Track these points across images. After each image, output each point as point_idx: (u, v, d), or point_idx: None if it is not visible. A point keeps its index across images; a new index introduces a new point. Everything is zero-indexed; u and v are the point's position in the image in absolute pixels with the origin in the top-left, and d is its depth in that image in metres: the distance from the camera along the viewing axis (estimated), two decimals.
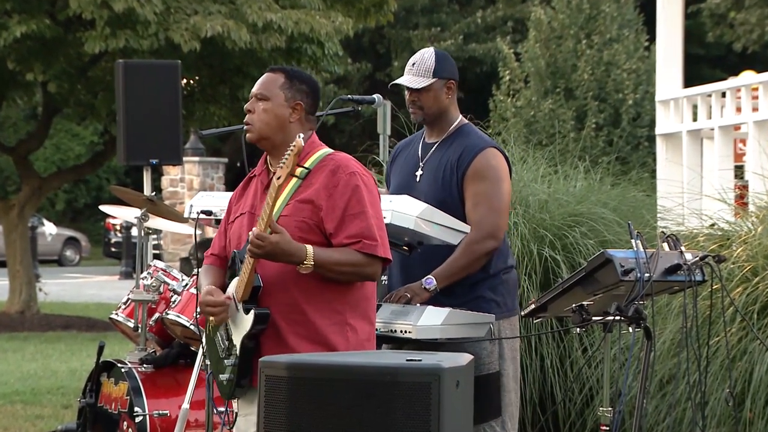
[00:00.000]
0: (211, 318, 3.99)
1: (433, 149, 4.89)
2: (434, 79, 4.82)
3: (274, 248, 3.85)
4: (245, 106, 4.09)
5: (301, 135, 3.87)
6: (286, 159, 3.84)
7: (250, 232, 3.88)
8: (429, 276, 4.69)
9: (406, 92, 4.88)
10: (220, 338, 4.08)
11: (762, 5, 21.65)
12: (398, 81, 4.88)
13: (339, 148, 3.90)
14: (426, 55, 4.86)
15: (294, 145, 3.83)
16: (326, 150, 4.09)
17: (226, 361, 4.02)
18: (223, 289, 4.08)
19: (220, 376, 4.04)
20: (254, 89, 4.10)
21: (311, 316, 3.97)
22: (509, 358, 4.83)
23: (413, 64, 4.85)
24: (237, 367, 3.99)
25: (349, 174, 4.00)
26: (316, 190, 3.95)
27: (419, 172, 4.89)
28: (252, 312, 3.94)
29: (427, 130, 4.95)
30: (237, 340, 3.99)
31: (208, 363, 4.27)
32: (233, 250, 4.06)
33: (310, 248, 3.90)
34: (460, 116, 4.93)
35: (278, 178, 3.84)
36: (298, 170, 4.00)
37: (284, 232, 3.88)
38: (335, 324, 4.00)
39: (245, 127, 4.08)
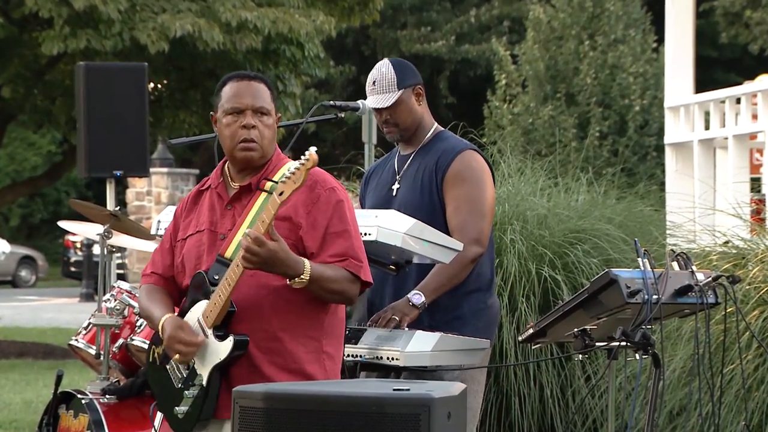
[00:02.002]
0: (176, 356, 3.97)
1: (409, 160, 4.96)
2: (401, 91, 4.88)
3: (272, 256, 3.84)
4: (245, 122, 4.01)
5: (314, 148, 3.86)
6: (293, 173, 3.80)
7: (244, 235, 3.85)
8: (415, 290, 4.71)
9: (376, 114, 4.92)
10: (175, 367, 4.06)
11: None
12: (372, 106, 4.91)
13: (320, 159, 3.90)
14: (383, 69, 4.91)
15: (308, 158, 3.80)
16: (293, 162, 4.10)
17: (186, 392, 4.00)
18: (182, 314, 4.06)
19: (176, 408, 4.01)
20: (251, 102, 4.02)
21: (288, 344, 3.98)
22: (478, 391, 4.86)
23: (374, 82, 4.91)
24: (202, 398, 3.98)
25: (329, 189, 4.02)
26: (293, 206, 3.95)
27: (396, 186, 4.95)
28: (230, 338, 3.93)
29: (403, 144, 5.01)
30: (204, 370, 3.97)
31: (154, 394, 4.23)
32: (200, 271, 4.03)
33: (307, 262, 3.91)
34: (435, 123, 5.01)
35: (280, 194, 3.81)
36: (268, 185, 4.00)
37: (282, 240, 3.87)
38: (312, 352, 4.01)
39: (247, 145, 4.02)
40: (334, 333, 4.07)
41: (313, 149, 3.83)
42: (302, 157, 3.83)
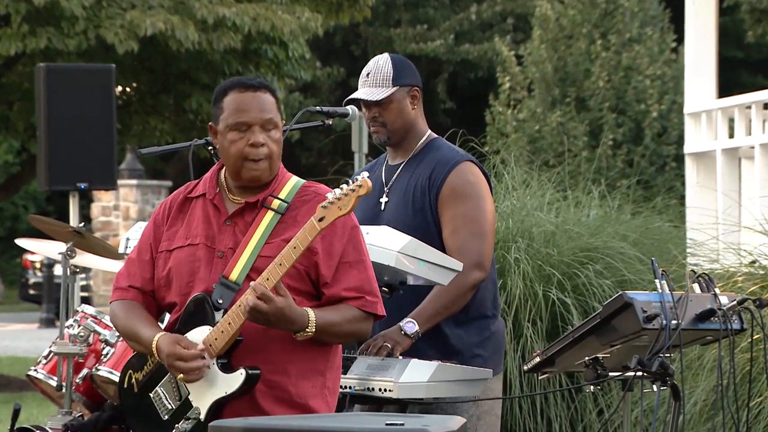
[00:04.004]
0: (181, 375, 3.97)
1: (399, 171, 4.97)
2: (395, 88, 4.90)
3: (277, 314, 3.87)
4: (254, 140, 3.99)
5: (366, 173, 3.87)
6: (340, 199, 3.81)
7: (250, 288, 3.85)
8: (408, 318, 4.72)
9: (364, 110, 4.93)
10: (163, 396, 4.05)
11: None
12: (354, 96, 4.94)
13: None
14: (381, 62, 4.94)
15: (361, 185, 3.81)
16: (298, 179, 4.12)
17: (177, 425, 4.00)
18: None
19: None
20: (258, 115, 4.01)
21: (293, 377, 4.01)
22: (496, 424, 4.86)
23: (367, 74, 4.93)
24: None
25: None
26: None
27: (384, 199, 4.96)
28: (242, 371, 3.94)
29: (391, 151, 5.03)
30: (203, 403, 3.98)
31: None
32: (202, 293, 4.03)
33: (312, 313, 3.94)
34: (429, 131, 5.01)
35: (320, 220, 3.83)
36: (275, 203, 4.01)
37: (288, 295, 3.89)
38: (316, 387, 4.04)
39: (256, 165, 4.02)
40: (335, 365, 4.11)
41: (365, 174, 3.86)
42: (352, 181, 3.85)
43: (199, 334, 4.00)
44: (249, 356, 3.97)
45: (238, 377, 3.94)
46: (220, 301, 3.98)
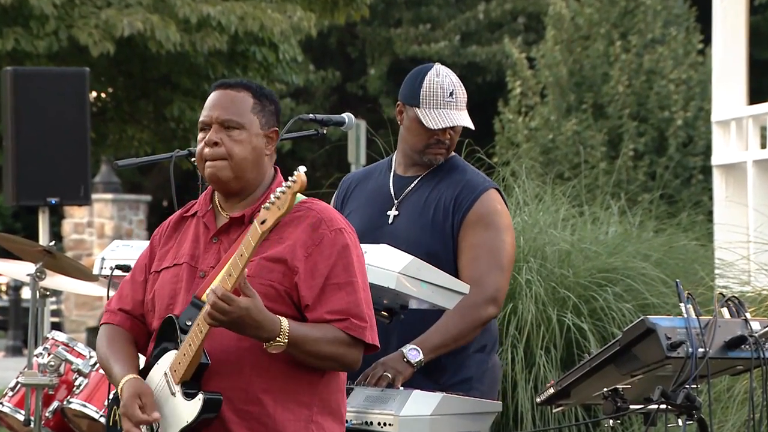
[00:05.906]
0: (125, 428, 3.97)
1: (414, 184, 4.98)
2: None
3: (242, 316, 3.85)
4: (207, 137, 4.05)
5: (303, 168, 3.87)
6: (279, 197, 3.82)
7: (209, 290, 3.88)
8: (411, 345, 4.73)
9: (422, 130, 4.91)
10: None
11: None
12: (456, 123, 4.92)
13: None
14: (454, 80, 4.98)
15: (295, 180, 3.81)
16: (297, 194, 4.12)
17: None
18: (144, 371, 4.07)
19: None
20: (216, 114, 4.07)
21: (270, 408, 3.98)
22: None
23: (451, 93, 4.97)
24: None
25: (336, 231, 4.02)
26: (290, 247, 3.96)
27: (393, 212, 4.97)
28: (200, 397, 3.94)
29: (405, 162, 5.03)
30: None
31: None
32: (170, 315, 4.04)
33: (285, 321, 3.91)
34: None
35: (262, 223, 3.83)
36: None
37: (256, 295, 3.88)
38: (299, 421, 4.00)
39: (212, 164, 4.04)
40: (330, 402, 4.06)
41: (302, 169, 3.84)
42: (289, 178, 3.85)
43: (166, 361, 4.01)
44: (217, 383, 3.95)
45: (195, 404, 3.93)
46: (188, 323, 3.98)
